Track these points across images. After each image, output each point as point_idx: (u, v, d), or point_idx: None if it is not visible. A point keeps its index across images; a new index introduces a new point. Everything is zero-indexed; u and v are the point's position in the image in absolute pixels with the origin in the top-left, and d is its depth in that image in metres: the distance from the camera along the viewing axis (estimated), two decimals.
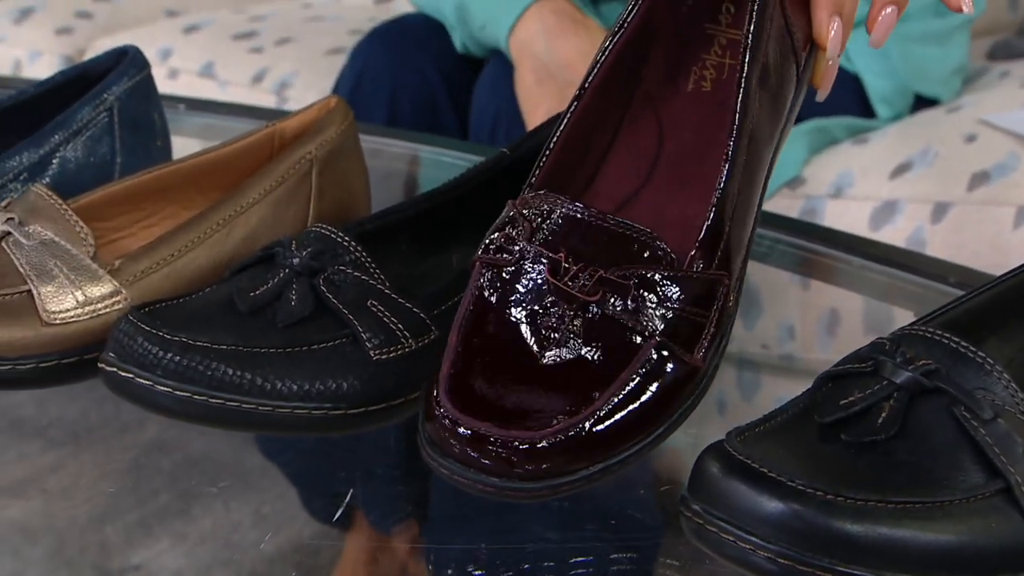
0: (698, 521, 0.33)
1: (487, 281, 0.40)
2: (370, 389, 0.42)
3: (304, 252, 0.44)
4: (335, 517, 0.46)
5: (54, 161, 0.54)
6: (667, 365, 0.37)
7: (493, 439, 0.36)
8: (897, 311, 0.63)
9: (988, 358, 0.35)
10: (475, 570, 0.43)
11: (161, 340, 0.41)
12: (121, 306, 0.46)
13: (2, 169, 0.53)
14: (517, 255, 0.39)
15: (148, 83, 0.58)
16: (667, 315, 0.38)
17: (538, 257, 0.39)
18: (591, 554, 0.43)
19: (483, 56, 0.92)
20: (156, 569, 0.44)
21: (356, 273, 0.44)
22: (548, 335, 0.38)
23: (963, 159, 0.88)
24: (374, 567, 0.46)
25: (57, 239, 0.46)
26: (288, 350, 0.41)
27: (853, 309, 0.64)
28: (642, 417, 0.37)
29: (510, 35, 0.83)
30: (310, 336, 0.42)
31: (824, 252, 0.66)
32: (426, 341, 0.43)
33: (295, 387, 0.41)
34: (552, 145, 0.42)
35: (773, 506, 0.32)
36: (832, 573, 0.32)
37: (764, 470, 0.33)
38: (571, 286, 0.38)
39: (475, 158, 0.81)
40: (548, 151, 0.42)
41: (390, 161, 0.81)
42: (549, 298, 0.38)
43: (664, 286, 0.38)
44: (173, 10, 1.41)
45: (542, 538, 0.44)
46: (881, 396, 0.35)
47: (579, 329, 0.38)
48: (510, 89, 0.84)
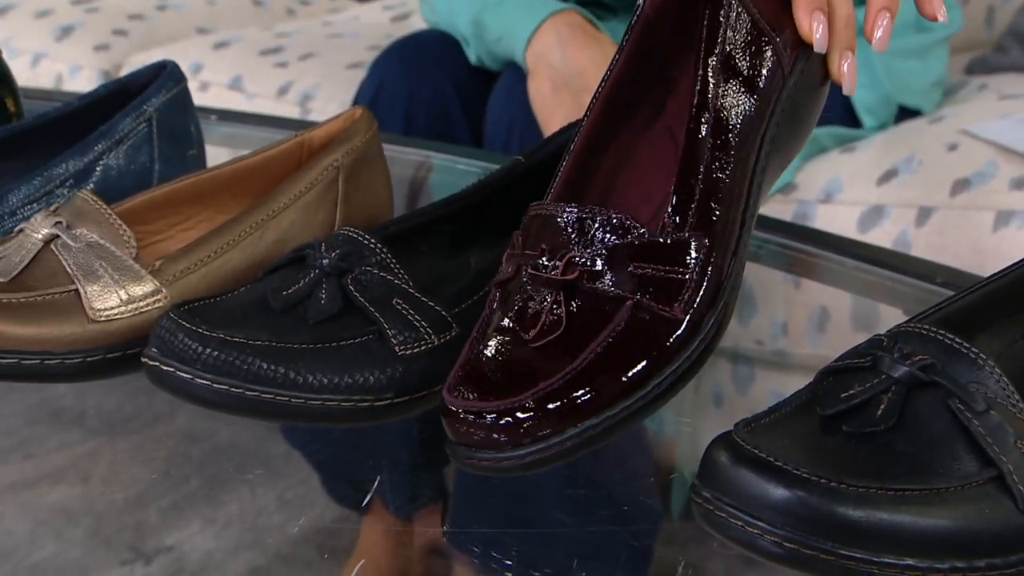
0: (708, 507, 0.33)
1: (496, 298, 0.40)
2: (395, 383, 0.42)
3: (333, 253, 0.44)
4: (363, 503, 0.46)
5: (98, 168, 0.54)
6: (643, 317, 0.36)
7: (475, 413, 0.36)
8: (884, 308, 0.63)
9: (980, 353, 0.34)
10: (494, 553, 0.43)
11: (200, 336, 0.40)
12: (162, 304, 0.45)
13: (50, 176, 0.53)
14: (514, 267, 0.40)
15: (184, 96, 0.58)
16: (637, 276, 0.37)
17: (525, 260, 0.39)
18: (604, 538, 0.42)
19: (496, 69, 0.92)
20: (188, 550, 0.43)
21: (382, 273, 0.44)
22: (537, 322, 0.38)
23: (945, 167, 0.88)
24: (394, 550, 0.46)
25: (102, 241, 0.46)
26: (318, 346, 0.41)
27: (842, 307, 0.64)
28: (623, 375, 0.36)
29: (527, 47, 0.83)
30: (339, 333, 0.42)
31: (815, 253, 0.66)
32: (448, 337, 0.43)
33: (325, 380, 0.41)
34: (564, 160, 0.43)
35: (779, 493, 0.32)
36: (835, 556, 0.31)
37: (770, 459, 0.32)
38: (547, 272, 0.38)
39: (486, 164, 0.81)
40: (561, 166, 0.42)
41: (406, 168, 0.81)
42: (535, 290, 0.38)
43: (631, 252, 0.37)
44: (204, 28, 1.41)
45: (560, 523, 0.44)
46: (880, 389, 0.34)
47: (562, 310, 0.37)
48: (524, 99, 0.84)
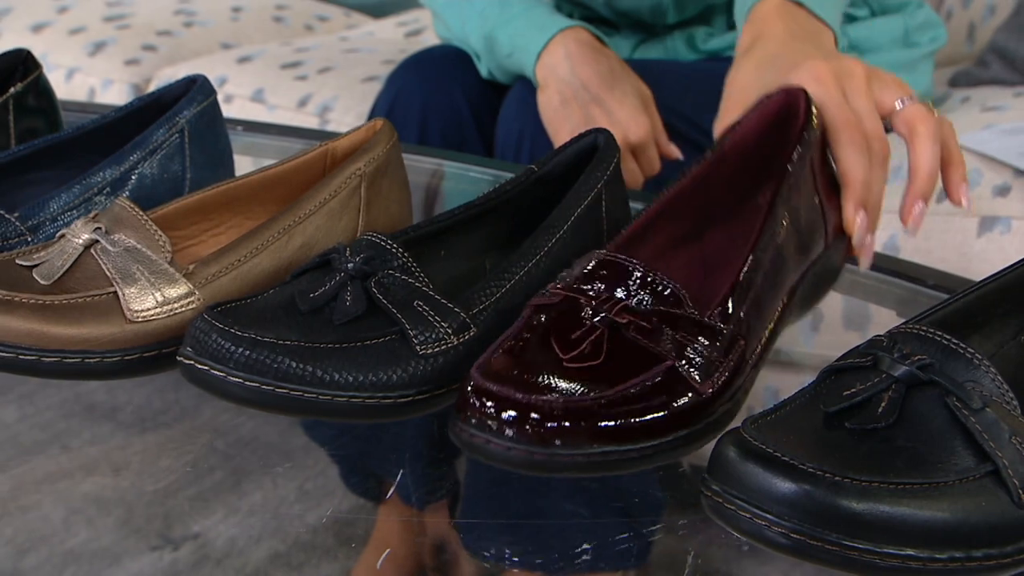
0: (717, 500, 0.33)
1: (532, 315, 0.41)
2: (416, 380, 0.41)
3: (357, 258, 0.44)
4: (387, 495, 0.46)
5: (133, 177, 0.54)
6: (677, 380, 0.38)
7: (504, 398, 0.36)
8: (877, 309, 0.62)
9: (976, 354, 0.34)
10: (504, 544, 0.42)
11: (233, 336, 0.40)
12: (195, 306, 0.45)
13: (88, 184, 0.53)
14: (562, 296, 0.40)
15: (214, 108, 0.58)
16: (681, 344, 0.38)
17: (578, 292, 0.40)
18: (611, 528, 0.42)
19: (506, 83, 0.91)
20: (213, 537, 0.43)
21: (403, 276, 0.43)
22: (576, 347, 0.38)
23: None
24: (410, 540, 0.45)
25: (139, 246, 0.45)
26: (344, 345, 0.41)
27: (835, 307, 0.64)
28: (643, 419, 0.37)
29: (537, 61, 0.83)
30: (363, 333, 0.42)
31: None
32: (466, 338, 0.42)
33: (350, 378, 0.40)
34: (637, 217, 0.45)
35: (786, 487, 0.31)
36: (839, 547, 0.31)
37: (777, 454, 0.32)
38: (602, 308, 0.39)
39: (496, 172, 0.81)
40: (633, 221, 0.45)
41: (421, 175, 0.81)
42: (581, 321, 0.39)
43: (683, 323, 0.39)
44: (228, 43, 1.41)
45: (570, 515, 0.44)
46: (881, 388, 0.34)
47: (604, 346, 0.38)
48: (533, 111, 0.84)
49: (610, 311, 0.39)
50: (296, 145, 0.82)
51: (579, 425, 0.36)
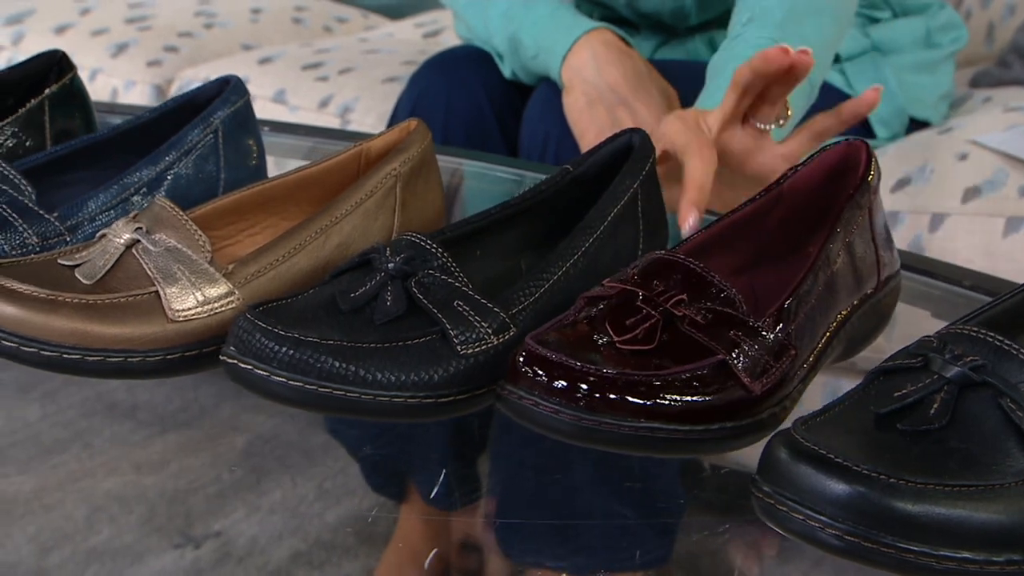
0: (769, 501, 0.33)
1: (584, 305, 0.41)
2: (457, 380, 0.41)
3: (398, 257, 0.44)
4: (432, 495, 0.46)
5: (168, 177, 0.54)
6: (727, 374, 0.38)
7: (560, 364, 0.37)
8: (911, 310, 0.62)
9: None
10: (526, 542, 0.42)
11: (277, 336, 0.40)
12: (235, 305, 0.45)
13: (125, 184, 0.53)
14: (618, 289, 0.41)
15: (247, 108, 0.58)
16: (735, 342, 0.39)
17: (635, 284, 0.40)
18: (635, 527, 0.42)
19: (530, 83, 0.91)
20: (234, 535, 0.43)
21: (443, 276, 0.43)
22: (631, 331, 0.39)
23: (956, 175, 0.87)
24: (431, 539, 0.45)
25: (180, 246, 0.45)
26: (385, 345, 0.41)
27: None
28: (692, 402, 0.37)
29: (563, 63, 0.83)
30: (404, 333, 0.42)
31: None
32: (506, 338, 0.42)
33: (392, 378, 0.40)
34: (707, 228, 0.47)
35: (840, 488, 0.31)
36: (894, 549, 0.31)
37: (831, 456, 0.32)
38: (658, 299, 0.39)
39: (521, 172, 0.81)
40: (705, 230, 0.47)
41: (443, 175, 0.80)
42: (636, 309, 0.39)
43: (737, 324, 0.39)
44: (248, 44, 1.41)
45: (596, 514, 0.44)
46: (932, 389, 0.34)
47: (657, 334, 0.39)
48: (558, 113, 0.83)
49: (666, 303, 0.39)
50: (322, 145, 0.82)
51: (629, 398, 0.37)
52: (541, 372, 0.38)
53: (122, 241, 0.45)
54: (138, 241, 0.45)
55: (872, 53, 1.00)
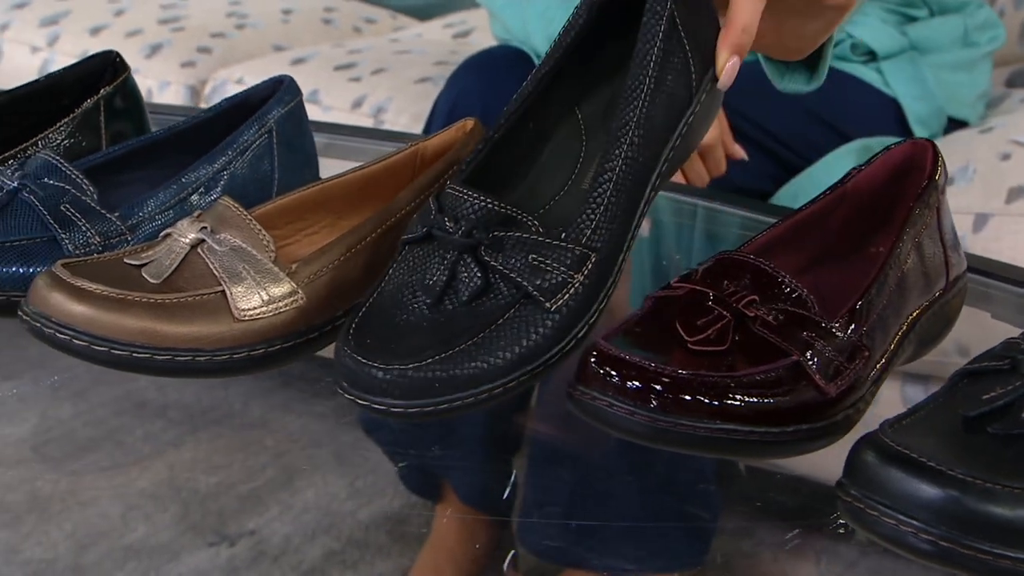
0: (858, 505, 0.32)
1: (655, 302, 0.40)
2: (558, 335, 0.39)
3: (460, 229, 0.41)
4: (503, 497, 0.45)
5: (224, 177, 0.54)
6: (801, 375, 0.37)
7: (634, 365, 0.37)
8: (972, 311, 0.61)
9: None
10: (562, 542, 0.42)
11: (384, 369, 0.38)
12: (299, 304, 0.45)
13: (183, 184, 0.52)
14: (686, 290, 0.40)
15: (300, 108, 0.58)
16: (809, 343, 0.38)
17: (703, 284, 0.40)
18: (669, 528, 0.42)
19: None
20: (268, 534, 0.43)
21: (508, 231, 0.40)
22: (702, 332, 0.38)
23: (1000, 175, 0.86)
24: (468, 539, 0.45)
25: (244, 245, 0.45)
26: (482, 335, 0.39)
27: None
28: (768, 403, 0.37)
29: None
30: (490, 312, 0.40)
31: None
32: (590, 267, 0.40)
33: (499, 361, 0.39)
34: (775, 226, 0.46)
35: (933, 493, 0.30)
36: (991, 556, 0.30)
37: (922, 459, 0.31)
38: (726, 301, 0.39)
39: None
40: (771, 228, 0.46)
41: None
42: (707, 310, 0.39)
43: (810, 325, 0.38)
44: (280, 45, 1.41)
45: (630, 516, 0.43)
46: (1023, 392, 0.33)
47: (730, 335, 0.38)
48: None
49: (737, 303, 0.39)
50: (352, 144, 0.82)
51: (705, 399, 0.36)
52: (614, 372, 0.37)
53: (187, 240, 0.45)
54: (203, 240, 0.45)
55: (910, 52, 0.98)
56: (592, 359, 0.38)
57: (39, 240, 0.48)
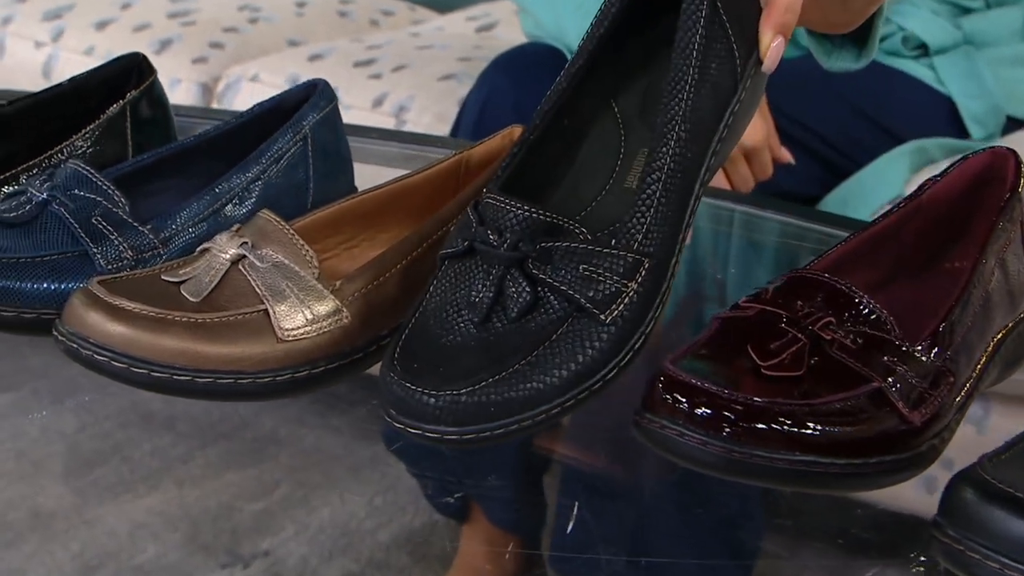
0: (957, 547, 0.31)
1: (720, 327, 0.40)
2: (614, 349, 0.39)
3: (506, 242, 0.40)
4: (568, 530, 0.45)
5: (259, 186, 0.53)
6: (883, 402, 0.37)
7: (706, 392, 0.36)
8: None
9: None
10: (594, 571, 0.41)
11: (435, 395, 0.38)
12: (344, 323, 0.45)
13: (216, 195, 0.52)
14: (756, 311, 0.40)
15: (335, 113, 0.58)
16: (892, 370, 0.37)
17: (776, 305, 0.39)
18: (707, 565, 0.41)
19: None
20: (283, 555, 0.43)
21: (557, 241, 0.40)
22: (776, 356, 0.38)
23: None
24: (496, 562, 0.44)
25: (287, 261, 0.45)
26: (535, 353, 0.39)
27: None
28: (849, 433, 0.36)
29: None
30: (542, 328, 0.39)
31: None
32: (643, 274, 0.39)
33: (555, 380, 0.38)
34: (849, 240, 0.45)
35: None
36: None
37: None
38: (801, 323, 0.38)
39: None
40: (845, 242, 0.45)
41: None
42: (780, 332, 0.38)
43: (891, 349, 0.38)
44: (294, 39, 1.41)
45: (668, 550, 0.43)
46: None
47: (805, 359, 0.38)
48: None
49: (813, 326, 0.38)
50: (371, 146, 0.81)
51: (782, 429, 0.36)
52: (683, 399, 0.37)
53: (228, 256, 0.45)
54: (244, 256, 0.45)
55: (965, 46, 0.98)
56: (660, 384, 0.38)
57: (70, 255, 0.48)
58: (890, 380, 0.37)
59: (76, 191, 0.49)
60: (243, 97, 1.28)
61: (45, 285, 0.47)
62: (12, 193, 0.51)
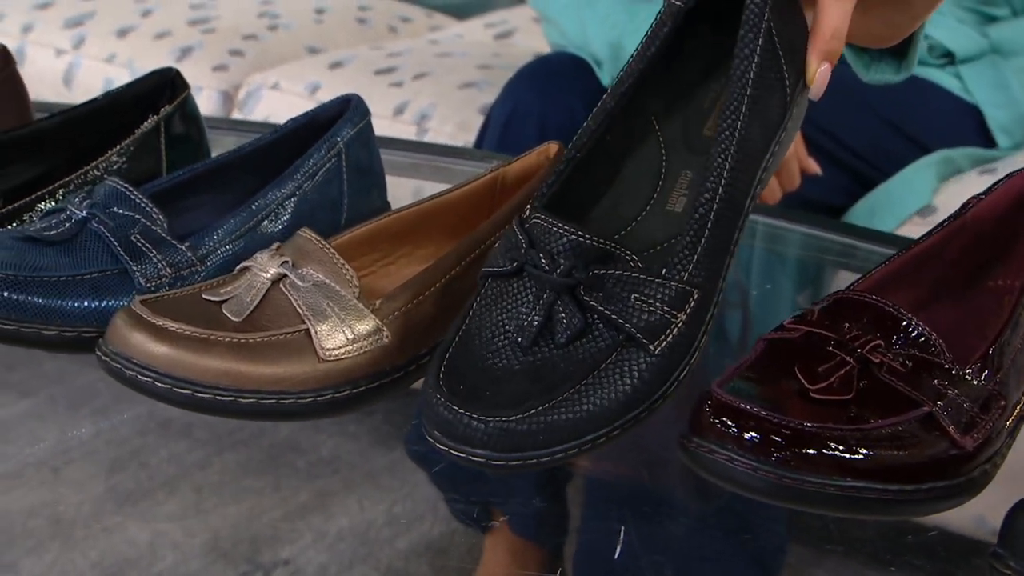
0: None
1: (768, 345, 0.40)
2: (661, 378, 0.39)
3: (559, 267, 0.40)
4: (616, 555, 0.45)
5: (293, 201, 0.54)
6: (933, 426, 0.37)
7: (757, 417, 0.36)
8: None
9: None
10: None
11: (481, 420, 0.38)
12: (384, 342, 0.45)
13: (253, 211, 0.52)
14: (802, 333, 0.39)
15: (368, 129, 0.58)
16: (943, 394, 0.37)
17: (824, 328, 0.39)
18: None
19: None
20: (303, 563, 0.43)
21: (607, 269, 0.40)
22: (825, 379, 0.37)
23: None
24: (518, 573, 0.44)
25: (327, 280, 0.45)
26: (584, 382, 0.39)
27: None
28: (901, 457, 0.36)
29: None
30: (590, 355, 0.39)
31: None
32: (692, 305, 0.39)
33: (602, 409, 0.38)
34: (892, 260, 0.45)
35: None
36: None
37: None
38: (850, 345, 0.38)
39: None
40: (888, 262, 0.45)
41: None
42: (828, 355, 0.38)
43: (941, 372, 0.38)
44: (313, 46, 1.42)
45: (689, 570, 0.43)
46: None
47: (855, 382, 0.37)
48: None
49: (861, 348, 0.38)
50: (396, 157, 0.81)
51: (833, 454, 0.35)
52: (732, 424, 0.37)
53: (268, 276, 0.45)
54: (284, 276, 0.45)
55: (991, 55, 0.97)
56: (707, 408, 0.38)
57: (110, 272, 0.48)
58: (940, 404, 0.37)
59: (115, 209, 0.50)
60: (264, 105, 1.28)
61: (86, 303, 0.47)
62: (51, 211, 0.51)
